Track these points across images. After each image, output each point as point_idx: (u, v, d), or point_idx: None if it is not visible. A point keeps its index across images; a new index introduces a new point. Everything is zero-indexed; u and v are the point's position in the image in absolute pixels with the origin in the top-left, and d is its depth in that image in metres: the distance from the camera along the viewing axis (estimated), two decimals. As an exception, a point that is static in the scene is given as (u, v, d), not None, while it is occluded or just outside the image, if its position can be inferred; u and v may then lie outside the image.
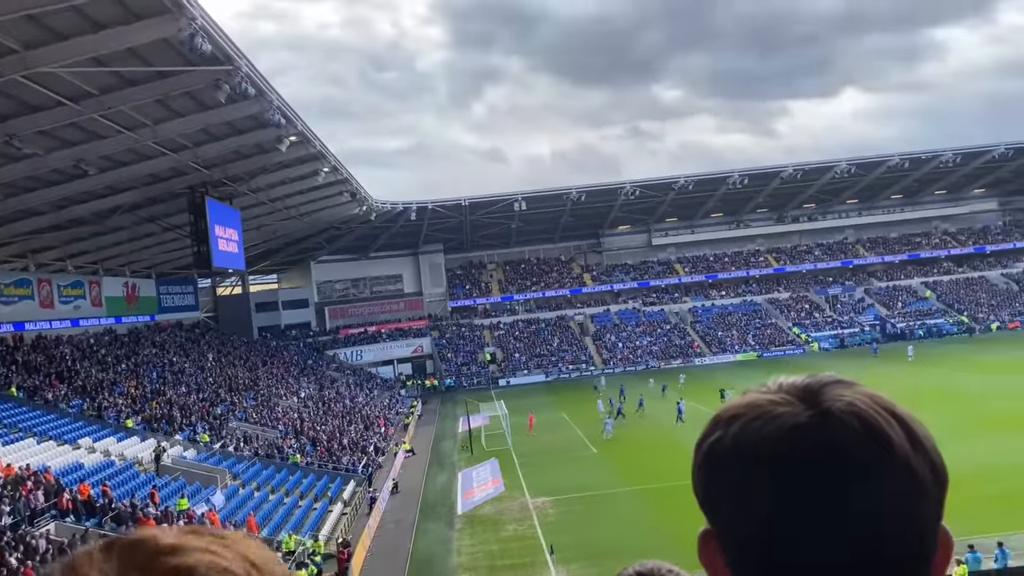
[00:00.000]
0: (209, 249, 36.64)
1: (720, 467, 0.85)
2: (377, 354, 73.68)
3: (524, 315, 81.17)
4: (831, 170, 73.02)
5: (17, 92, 23.21)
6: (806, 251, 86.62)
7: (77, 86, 24.05)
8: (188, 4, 20.93)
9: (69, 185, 32.05)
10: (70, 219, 37.13)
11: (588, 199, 71.27)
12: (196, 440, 37.10)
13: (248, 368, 55.77)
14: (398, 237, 74.77)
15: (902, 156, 71.87)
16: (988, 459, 27.55)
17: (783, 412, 0.83)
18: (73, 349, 43.62)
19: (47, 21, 20.31)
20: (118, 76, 24.76)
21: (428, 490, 35.72)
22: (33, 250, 41.70)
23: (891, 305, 79.88)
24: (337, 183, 47.63)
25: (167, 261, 55.66)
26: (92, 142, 28.67)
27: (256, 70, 27.30)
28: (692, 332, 77.69)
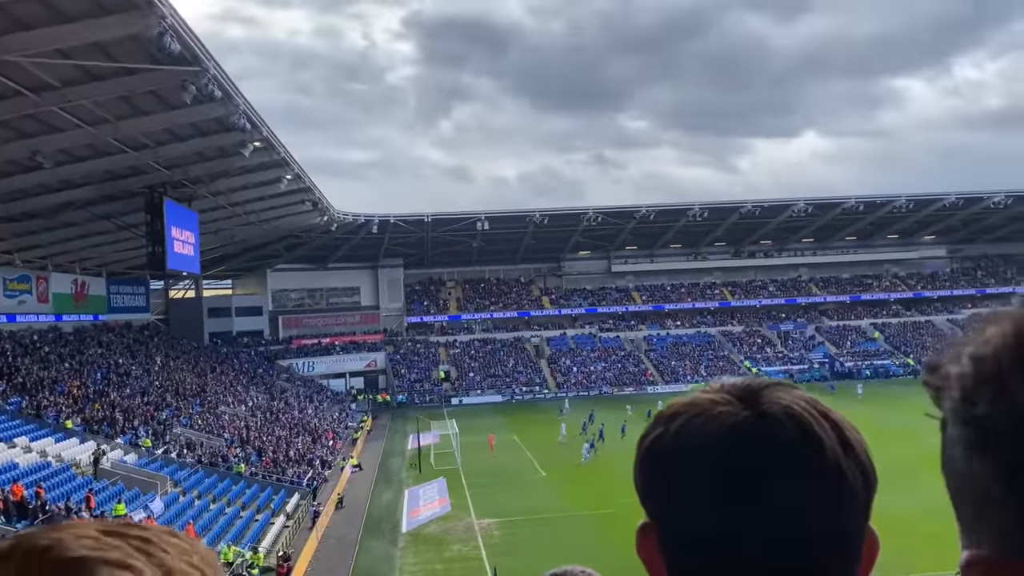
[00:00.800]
0: (164, 251, 36.02)
1: (660, 463, 0.86)
2: (330, 366, 72.85)
3: (481, 335, 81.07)
4: (789, 208, 74.60)
5: (-25, 79, 22.69)
6: (761, 286, 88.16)
7: (39, 77, 23.59)
8: (158, 2, 20.72)
9: (22, 177, 31.30)
10: (21, 211, 36.21)
11: (551, 222, 71.73)
12: (138, 444, 36.22)
13: (197, 374, 54.71)
14: (358, 249, 74.29)
15: (858, 199, 73.77)
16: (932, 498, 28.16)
17: (723, 411, 0.84)
18: (15, 345, 42.38)
19: (12, 9, 19.95)
20: (82, 70, 24.35)
21: (373, 506, 35.33)
22: (-20, 241, 40.58)
23: (841, 344, 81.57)
24: (299, 191, 47.25)
25: (119, 260, 54.52)
26: (49, 135, 28.09)
27: (224, 73, 27.07)
28: (646, 360, 78.34)
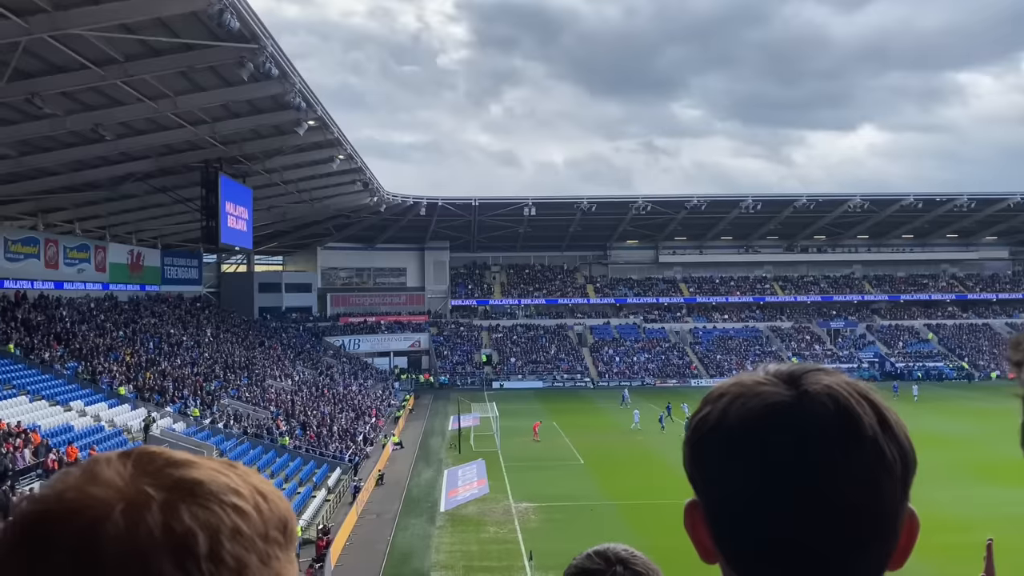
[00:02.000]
0: (218, 225, 36.70)
1: (705, 441, 0.89)
2: (375, 345, 73.72)
3: (524, 320, 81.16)
4: (844, 204, 72.97)
5: (43, 51, 23.31)
6: (812, 282, 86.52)
7: (103, 51, 24.13)
8: (220, -21, 21.02)
9: (85, 148, 32.15)
10: (83, 182, 37.24)
11: (599, 210, 71.28)
12: (187, 414, 37.15)
13: (245, 347, 55.83)
14: (406, 231, 74.83)
15: (917, 196, 71.77)
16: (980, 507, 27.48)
17: (765, 391, 0.88)
18: (73, 312, 43.73)
19: (79, -17, 20.42)
20: (144, 44, 24.85)
21: (413, 485, 35.70)
22: (43, 210, 41.85)
23: (892, 344, 79.73)
24: (351, 172, 47.71)
25: (174, 233, 55.79)
26: (112, 108, 28.76)
27: (281, 51, 27.37)
28: (691, 353, 77.59)
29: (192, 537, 0.61)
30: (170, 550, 0.59)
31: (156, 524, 0.59)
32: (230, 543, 0.62)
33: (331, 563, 24.27)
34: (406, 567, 24.86)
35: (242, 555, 0.62)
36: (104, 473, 0.62)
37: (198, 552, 0.61)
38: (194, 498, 0.63)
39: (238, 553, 0.62)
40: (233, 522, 0.63)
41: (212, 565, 0.61)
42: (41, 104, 25.35)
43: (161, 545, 0.59)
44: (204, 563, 0.60)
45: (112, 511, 0.59)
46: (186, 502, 0.62)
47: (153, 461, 0.64)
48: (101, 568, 0.57)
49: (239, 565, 0.62)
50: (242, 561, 0.62)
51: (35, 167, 33.17)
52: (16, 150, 31.21)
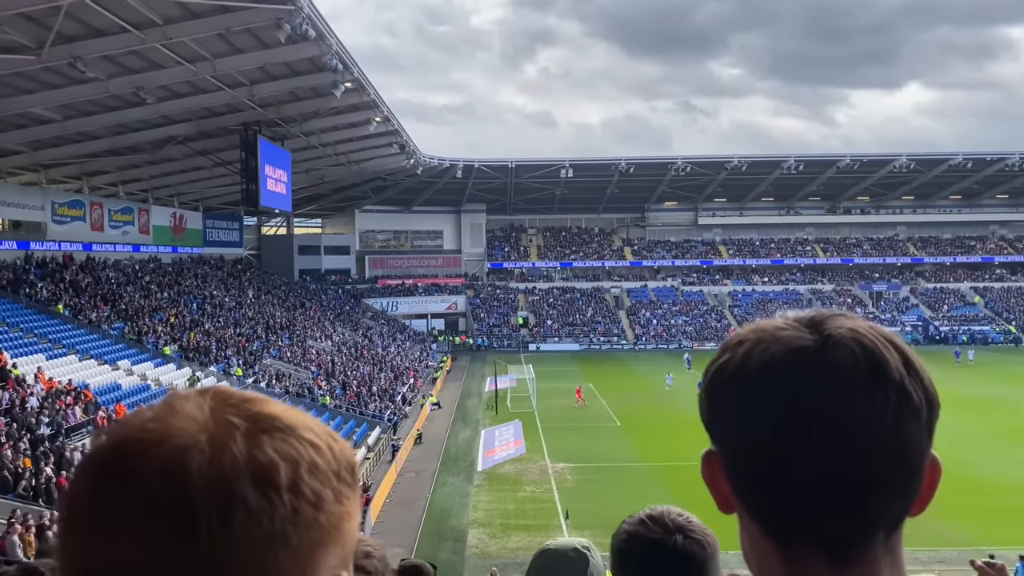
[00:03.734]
0: (258, 188, 37.07)
1: (724, 388, 0.87)
2: (412, 307, 74.34)
3: (560, 283, 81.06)
4: (890, 164, 71.16)
5: (84, 15, 23.53)
6: (855, 244, 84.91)
7: (142, 13, 24.28)
8: (256, -61, 20.93)
9: (126, 112, 32.55)
10: (125, 145, 37.77)
11: (636, 171, 70.49)
12: (230, 373, 37.95)
13: (286, 308, 56.68)
14: (442, 194, 74.86)
15: (966, 156, 69.68)
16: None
17: (787, 335, 0.86)
18: (119, 273, 44.70)
19: (117, -54, 20.50)
20: (182, 7, 24.93)
21: (451, 444, 36.18)
22: (88, 173, 42.60)
23: (936, 307, 78.15)
24: (387, 134, 47.71)
25: (215, 196, 56.49)
26: (152, 71, 29.01)
27: (317, 12, 27.28)
28: (729, 316, 76.94)
29: (275, 467, 0.62)
30: (254, 479, 0.61)
31: (241, 453, 0.61)
32: (308, 476, 0.64)
33: (371, 519, 24.80)
34: (444, 524, 25.30)
35: (319, 489, 0.64)
36: (184, 407, 0.64)
37: (280, 482, 0.62)
38: (274, 431, 0.64)
39: (315, 487, 0.64)
40: (311, 456, 0.65)
41: (293, 496, 0.62)
42: (83, 68, 25.67)
43: (246, 474, 0.61)
44: (285, 493, 0.62)
45: (197, 440, 0.61)
46: (267, 434, 0.64)
47: (230, 397, 0.66)
48: (189, 494, 0.59)
49: (316, 498, 0.64)
50: (319, 495, 0.64)
51: (79, 131, 33.72)
52: (60, 114, 31.72)
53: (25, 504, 19.50)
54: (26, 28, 23.48)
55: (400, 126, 47.29)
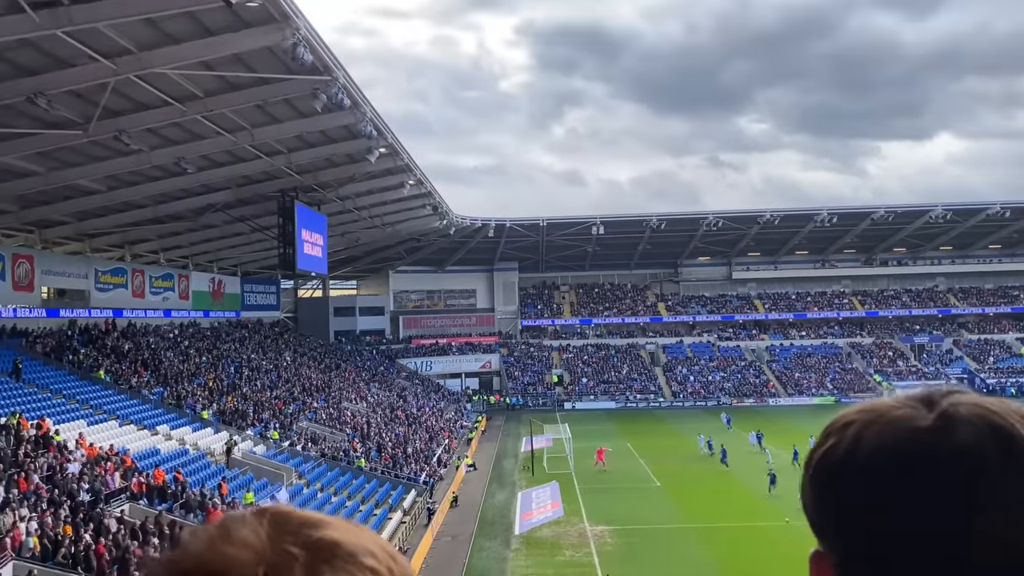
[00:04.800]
0: (294, 252, 37.65)
1: (834, 478, 0.78)
2: (446, 366, 74.30)
3: (594, 340, 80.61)
4: (925, 215, 70.39)
5: (129, 91, 24.43)
6: (893, 296, 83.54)
7: (184, 88, 25.15)
8: (294, 15, 21.68)
9: (168, 181, 33.51)
10: (166, 214, 38.78)
11: (668, 227, 70.50)
12: (266, 436, 38.02)
13: (322, 370, 56.96)
14: (474, 253, 75.45)
15: (1004, 204, 68.66)
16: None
17: (903, 415, 0.77)
18: (159, 339, 45.40)
19: (163, 25, 21.35)
20: (223, 80, 25.80)
21: (487, 507, 35.66)
22: (130, 241, 43.72)
23: (982, 359, 76.15)
24: (421, 196, 48.42)
25: (253, 260, 57.51)
26: (193, 142, 29.92)
27: (352, 82, 28.04)
28: (768, 371, 75.69)
29: None
30: None
31: None
32: None
33: (408, 586, 24.35)
34: (482, 590, 24.78)
35: None
36: (240, 532, 0.61)
37: None
38: (334, 560, 0.62)
39: None
40: None
41: None
42: (128, 141, 26.55)
43: None
44: None
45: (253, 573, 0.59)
46: (327, 564, 0.62)
47: (289, 521, 0.64)
48: None
49: None
50: None
51: (123, 200, 34.73)
52: (105, 185, 32.73)
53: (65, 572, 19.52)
54: (74, 105, 24.43)
55: (433, 188, 48.01)
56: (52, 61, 21.63)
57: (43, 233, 37.11)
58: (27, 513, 21.02)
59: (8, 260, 33.95)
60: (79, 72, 22.13)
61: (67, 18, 18.89)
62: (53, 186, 30.60)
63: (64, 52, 21.04)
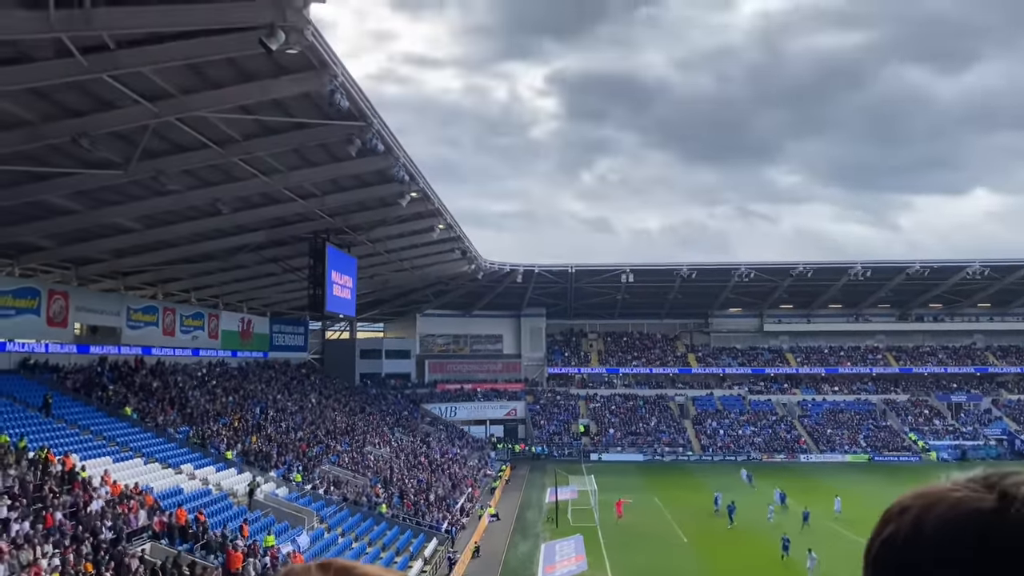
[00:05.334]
0: (324, 293, 37.80)
1: (895, 565, 0.74)
2: (471, 412, 73.75)
3: (622, 389, 79.68)
4: (962, 271, 69.22)
5: (169, 133, 24.90)
6: (929, 353, 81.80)
7: (223, 131, 25.59)
8: (332, 62, 22.03)
9: (203, 221, 33.95)
10: (199, 253, 39.24)
11: (699, 277, 70.00)
12: (289, 479, 37.76)
13: (347, 413, 56.79)
14: (502, 298, 75.37)
15: (1044, 262, 67.40)
16: None
17: (964, 497, 0.74)
18: (187, 377, 45.63)
19: (205, 70, 21.80)
20: (260, 124, 26.21)
21: (510, 558, 34.91)
22: (163, 280, 44.26)
23: (1022, 420, 73.95)
24: (450, 240, 48.62)
25: (282, 301, 57.88)
26: (229, 183, 30.33)
27: (387, 127, 28.36)
28: (799, 426, 74.12)
29: None
30: None
31: None
32: None
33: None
34: (503, 647, 24.07)
35: None
36: None
37: None
38: None
39: None
40: None
41: None
42: (166, 181, 27.00)
43: None
44: None
45: None
46: None
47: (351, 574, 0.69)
48: None
49: None
50: None
51: (158, 239, 35.22)
52: (142, 224, 33.24)
53: (81, 613, 19.29)
54: (116, 145, 24.93)
55: (462, 233, 48.20)
56: (96, 103, 22.13)
57: (79, 270, 37.69)
58: (50, 550, 20.92)
59: (44, 296, 34.46)
60: (122, 114, 22.60)
61: (113, 63, 19.35)
62: (91, 224, 31.15)
63: (108, 95, 21.52)
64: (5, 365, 35.18)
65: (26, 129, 22.31)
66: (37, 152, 23.98)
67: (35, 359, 36.62)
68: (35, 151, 23.77)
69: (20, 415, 30.57)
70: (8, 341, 34.70)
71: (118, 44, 18.99)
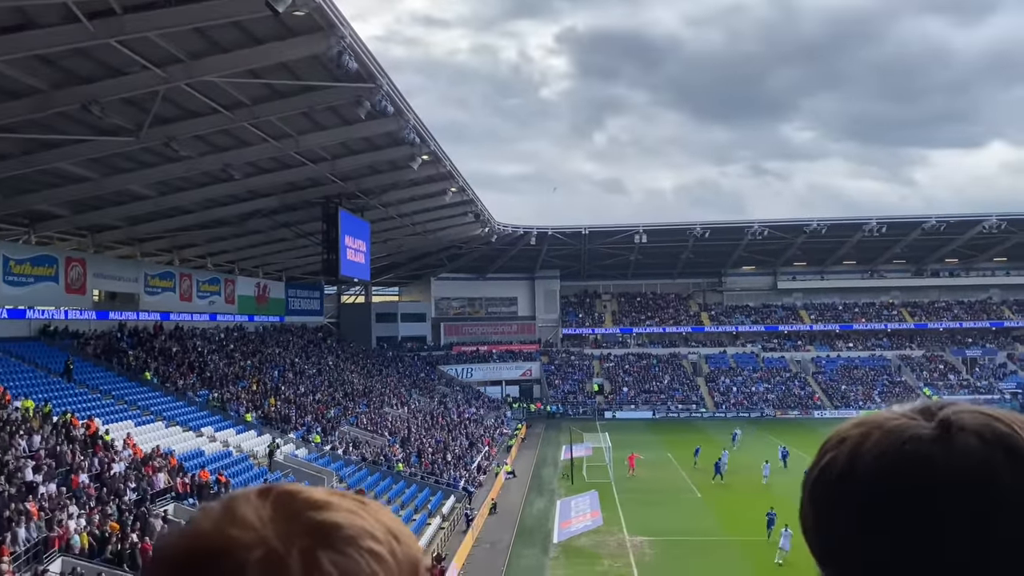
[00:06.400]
0: (338, 258, 38.08)
1: (832, 493, 0.73)
2: (487, 373, 74.37)
3: (636, 349, 79.99)
4: (978, 225, 68.49)
5: (179, 98, 24.98)
6: (944, 308, 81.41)
7: (232, 95, 25.63)
8: (339, 23, 21.95)
9: (215, 187, 34.16)
10: (213, 219, 39.54)
11: (712, 236, 69.73)
12: (308, 440, 38.42)
13: (364, 375, 57.44)
14: (516, 260, 75.47)
15: (1062, 214, 66.57)
16: None
17: (901, 424, 0.73)
18: (206, 342, 46.23)
19: (212, 34, 21.79)
20: (269, 88, 26.22)
21: (526, 514, 35.53)
22: (178, 246, 44.65)
23: (1038, 374, 73.75)
24: (463, 203, 48.63)
25: (297, 266, 58.29)
26: (240, 148, 30.46)
27: (396, 89, 28.28)
28: (813, 383, 74.28)
29: None
30: None
31: (297, 573, 0.60)
32: None
33: (445, 592, 24.35)
34: (520, 599, 24.65)
35: None
36: (244, 513, 0.63)
37: None
38: (333, 544, 0.63)
39: None
40: (371, 569, 0.64)
41: None
42: (177, 147, 27.14)
43: None
44: None
45: (253, 557, 0.60)
46: (326, 549, 0.63)
47: (293, 501, 0.65)
48: None
49: None
50: None
51: (171, 206, 35.50)
52: (156, 190, 33.50)
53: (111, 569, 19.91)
54: (127, 112, 25.05)
55: (475, 196, 48.17)
56: (105, 69, 22.20)
57: (95, 237, 38.10)
58: (76, 511, 21.53)
59: (62, 263, 34.89)
60: (131, 80, 22.68)
61: (119, 27, 19.37)
62: (106, 192, 31.42)
63: (117, 61, 21.57)
64: (26, 332, 35.76)
65: (36, 97, 22.44)
66: (48, 120, 24.15)
67: (55, 326, 37.16)
68: (46, 119, 23.93)
69: (43, 381, 31.18)
70: (28, 308, 35.24)
71: (124, 9, 19.00)
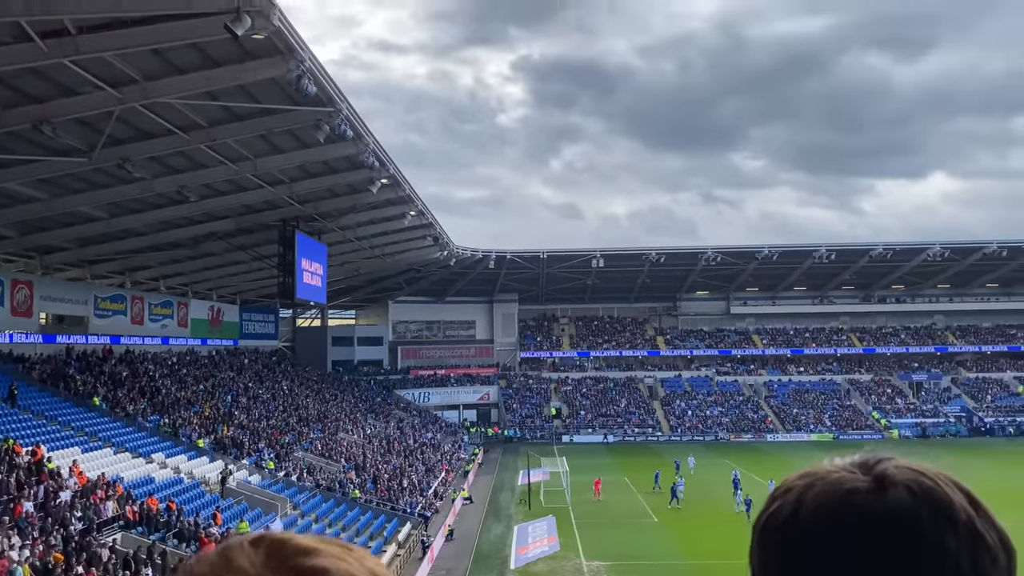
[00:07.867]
0: (294, 281, 37.71)
1: (777, 541, 0.80)
2: (444, 398, 74.00)
3: (593, 372, 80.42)
4: (923, 252, 70.64)
5: (134, 119, 24.68)
6: (892, 333, 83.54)
7: (188, 117, 25.41)
8: (299, 47, 21.97)
9: (169, 209, 33.67)
10: (167, 242, 38.90)
11: (667, 261, 70.72)
12: (262, 466, 37.75)
13: (319, 400, 56.71)
14: (474, 284, 75.56)
15: (1000, 244, 68.95)
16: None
17: (841, 477, 0.80)
18: (157, 366, 45.26)
19: (169, 55, 21.63)
20: (227, 110, 26.06)
21: (483, 540, 35.30)
22: (131, 268, 43.79)
23: (979, 398, 75.94)
24: (421, 227, 48.62)
25: (252, 289, 57.53)
26: (196, 170, 30.13)
27: (355, 113, 28.32)
28: (766, 407, 75.42)
29: None
30: None
31: None
32: None
33: (401, 620, 24.02)
34: (476, 626, 24.43)
35: None
36: (238, 560, 0.67)
37: None
38: None
39: None
40: None
41: None
42: (131, 169, 26.74)
43: None
44: None
45: None
46: None
47: (282, 549, 0.70)
48: None
49: None
50: None
51: (124, 228, 34.86)
52: (107, 212, 32.89)
53: (53, 602, 19.26)
54: (79, 132, 24.66)
55: (434, 219, 48.22)
56: (58, 89, 21.88)
57: (43, 259, 37.18)
58: (18, 541, 20.82)
59: (7, 285, 33.96)
60: (85, 100, 22.37)
61: (74, 47, 19.14)
62: (55, 212, 30.75)
63: (70, 80, 21.29)
64: (-31, 356, 34.66)
65: (-14, 116, 21.99)
66: (-2, 139, 23.65)
67: (-1, 350, 36.10)
68: (-4, 138, 23.44)
69: (-15, 406, 30.17)
70: (-29, 332, 34.19)
71: (79, 29, 18.80)
